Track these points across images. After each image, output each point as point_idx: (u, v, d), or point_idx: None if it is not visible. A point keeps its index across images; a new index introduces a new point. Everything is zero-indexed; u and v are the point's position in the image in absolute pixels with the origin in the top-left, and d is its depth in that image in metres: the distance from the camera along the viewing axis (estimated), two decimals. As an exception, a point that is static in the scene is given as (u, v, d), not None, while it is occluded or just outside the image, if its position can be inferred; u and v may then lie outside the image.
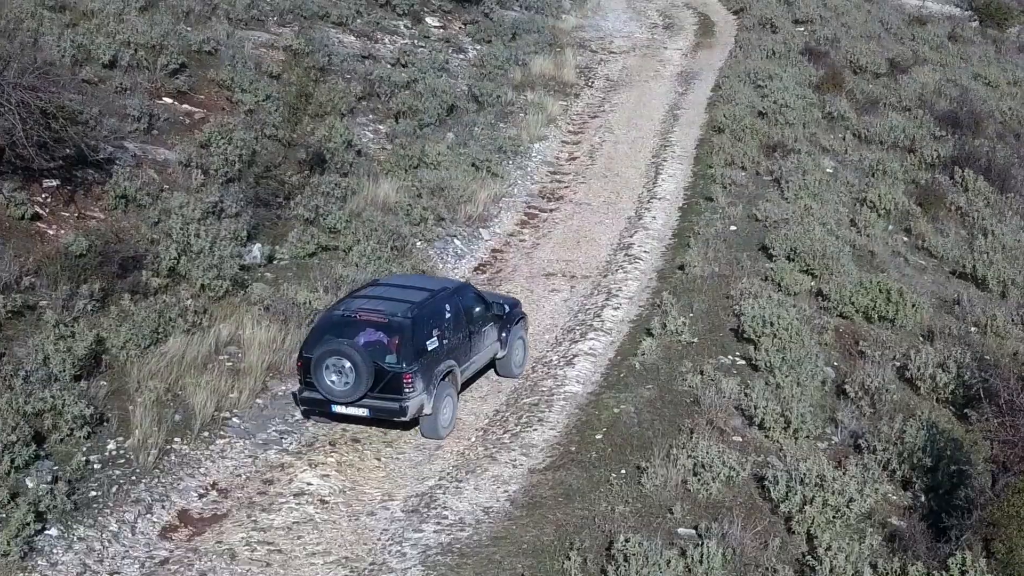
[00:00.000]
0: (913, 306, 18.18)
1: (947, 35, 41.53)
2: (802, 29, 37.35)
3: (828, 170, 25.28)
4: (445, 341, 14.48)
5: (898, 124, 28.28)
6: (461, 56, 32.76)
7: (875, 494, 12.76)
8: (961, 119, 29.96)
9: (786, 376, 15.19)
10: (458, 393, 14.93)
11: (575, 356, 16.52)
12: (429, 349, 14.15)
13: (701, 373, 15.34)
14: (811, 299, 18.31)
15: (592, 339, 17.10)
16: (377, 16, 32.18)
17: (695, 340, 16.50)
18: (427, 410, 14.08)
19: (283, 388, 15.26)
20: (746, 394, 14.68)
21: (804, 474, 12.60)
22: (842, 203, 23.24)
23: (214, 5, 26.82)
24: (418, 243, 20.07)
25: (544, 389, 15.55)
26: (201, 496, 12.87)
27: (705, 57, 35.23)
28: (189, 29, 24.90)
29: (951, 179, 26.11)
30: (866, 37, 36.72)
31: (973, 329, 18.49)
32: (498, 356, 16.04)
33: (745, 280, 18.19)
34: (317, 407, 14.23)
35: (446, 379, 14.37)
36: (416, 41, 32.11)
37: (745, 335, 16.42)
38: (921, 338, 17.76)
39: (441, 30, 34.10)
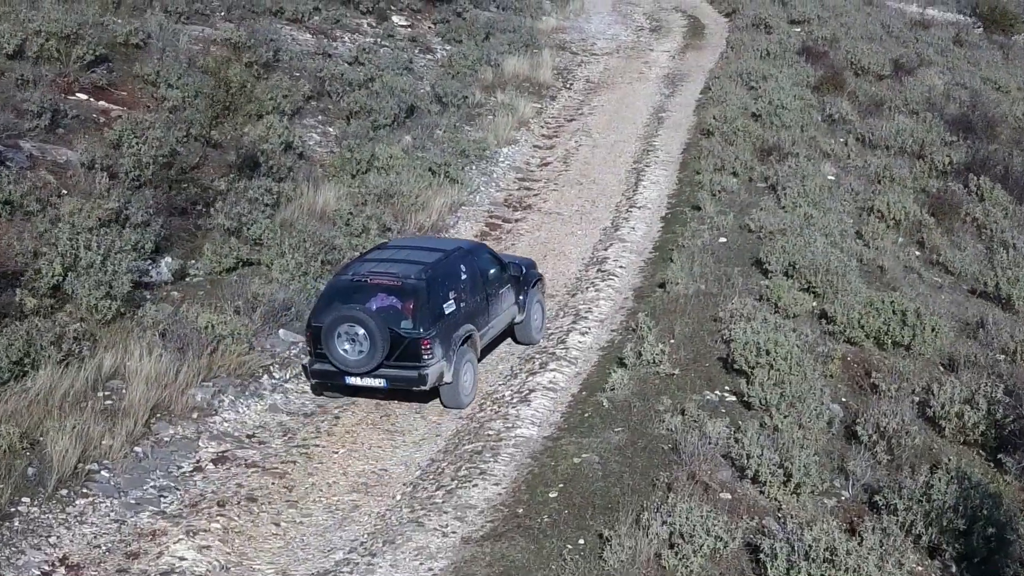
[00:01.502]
0: (933, 330, 15.48)
1: (952, 39, 39.08)
2: (798, 29, 34.81)
3: (830, 176, 22.65)
4: (462, 304, 13.70)
5: (906, 128, 25.68)
6: (429, 56, 30.18)
7: (899, 571, 10.04)
8: (974, 123, 27.40)
9: (785, 416, 12.49)
10: (478, 359, 13.95)
11: (532, 391, 13.76)
12: (446, 312, 13.36)
13: (682, 413, 12.62)
14: (813, 322, 15.61)
15: (553, 370, 14.37)
16: (338, 13, 29.57)
17: (676, 372, 13.78)
18: (447, 378, 13.20)
19: (171, 432, 12.52)
20: (737, 439, 11.96)
21: (810, 546, 9.90)
22: (846, 212, 20.59)
23: (150, -4, 24.19)
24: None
25: (491, 433, 12.77)
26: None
27: (694, 59, 32.64)
28: (118, 20, 22.27)
29: (965, 187, 23.48)
30: (867, 38, 34.17)
31: (1001, 357, 15.83)
32: (516, 320, 15.17)
33: (736, 300, 15.47)
34: (329, 380, 13.37)
35: (465, 344, 13.52)
36: (379, 40, 29.51)
37: (736, 366, 13.70)
38: (943, 368, 15.09)
39: (408, 29, 31.53)
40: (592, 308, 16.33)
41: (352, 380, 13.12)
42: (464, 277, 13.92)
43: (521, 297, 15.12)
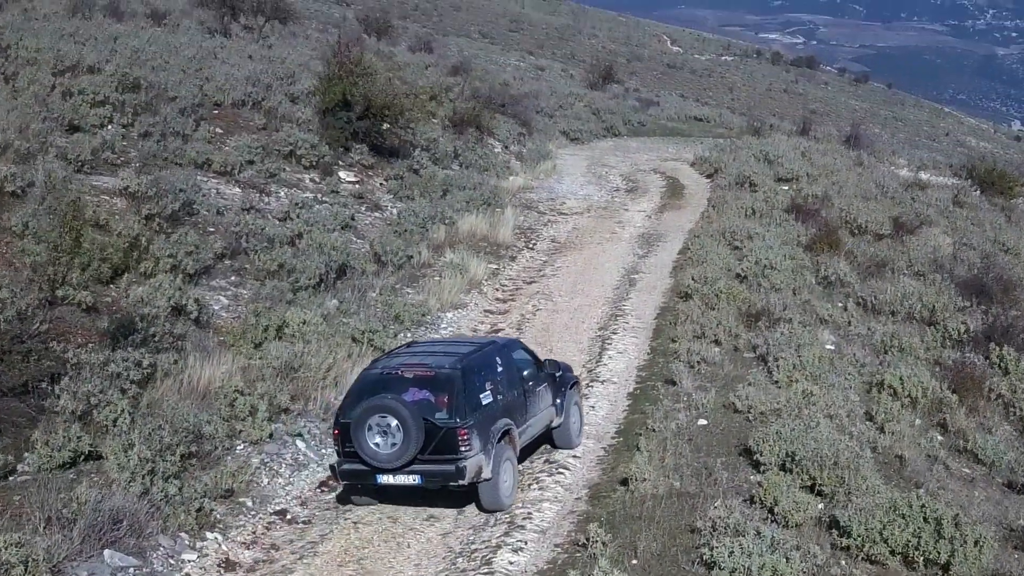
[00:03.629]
0: (976, 543, 11.75)
1: (951, 200, 36.50)
2: (786, 188, 32.05)
3: (828, 346, 19.22)
4: (499, 396, 12.94)
5: (913, 291, 22.43)
6: (377, 214, 27.15)
7: None
8: (988, 287, 24.21)
9: None
10: (518, 460, 12.96)
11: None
12: (483, 403, 12.60)
13: None
14: (821, 534, 11.86)
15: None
16: (275, 167, 26.62)
17: (636, 613, 9.98)
18: (486, 474, 12.27)
19: None
20: None
21: None
22: (852, 388, 17.07)
23: (46, 143, 21.23)
24: (240, 445, 13.70)
25: None
26: None
27: (672, 219, 29.70)
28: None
29: (986, 359, 20.07)
30: (861, 197, 31.38)
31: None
32: (553, 425, 14.24)
33: (720, 503, 11.76)
34: (359, 480, 12.48)
35: (503, 440, 12.68)
36: (321, 196, 26.53)
37: (719, 604, 9.90)
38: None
39: (356, 185, 28.60)
40: (532, 514, 12.54)
41: (384, 479, 12.26)
42: (500, 370, 13.21)
43: (559, 400, 14.22)
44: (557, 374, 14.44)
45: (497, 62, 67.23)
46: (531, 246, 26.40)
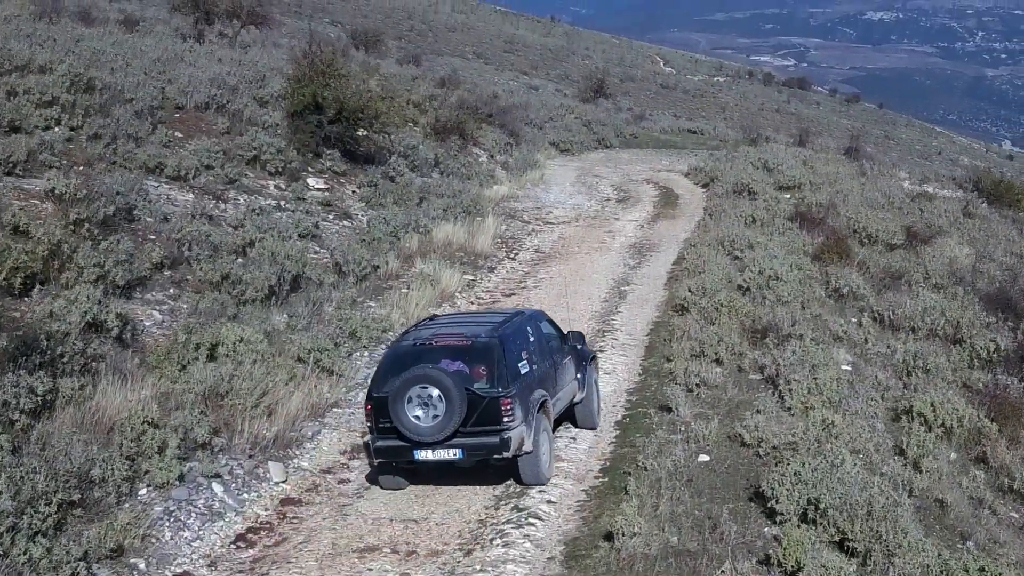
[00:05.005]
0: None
1: (961, 211, 34.34)
2: (788, 196, 29.80)
3: (844, 366, 16.88)
4: (534, 367, 12.52)
5: (935, 305, 20.12)
6: (346, 222, 24.85)
7: None
8: (1014, 301, 21.92)
9: None
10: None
11: None
12: (522, 372, 12.14)
13: None
14: (857, 606, 9.49)
15: None
16: (236, 172, 24.31)
17: None
18: (527, 446, 11.78)
19: None
20: None
21: None
22: (875, 416, 14.72)
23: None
24: (143, 490, 11.29)
25: None
26: None
27: (666, 228, 27.41)
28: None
29: (1021, 381, 17.78)
30: (868, 206, 29.14)
31: None
32: (576, 400, 13.82)
33: (728, 567, 9.38)
34: (396, 457, 11.89)
35: (541, 411, 12.20)
36: (284, 203, 24.22)
37: None
38: None
39: (325, 193, 26.30)
40: (495, 578, 10.15)
41: (422, 454, 11.68)
42: (532, 339, 12.81)
43: (580, 374, 13.80)
44: (579, 347, 14.06)
45: (490, 80, 65.25)
46: (512, 256, 24.10)
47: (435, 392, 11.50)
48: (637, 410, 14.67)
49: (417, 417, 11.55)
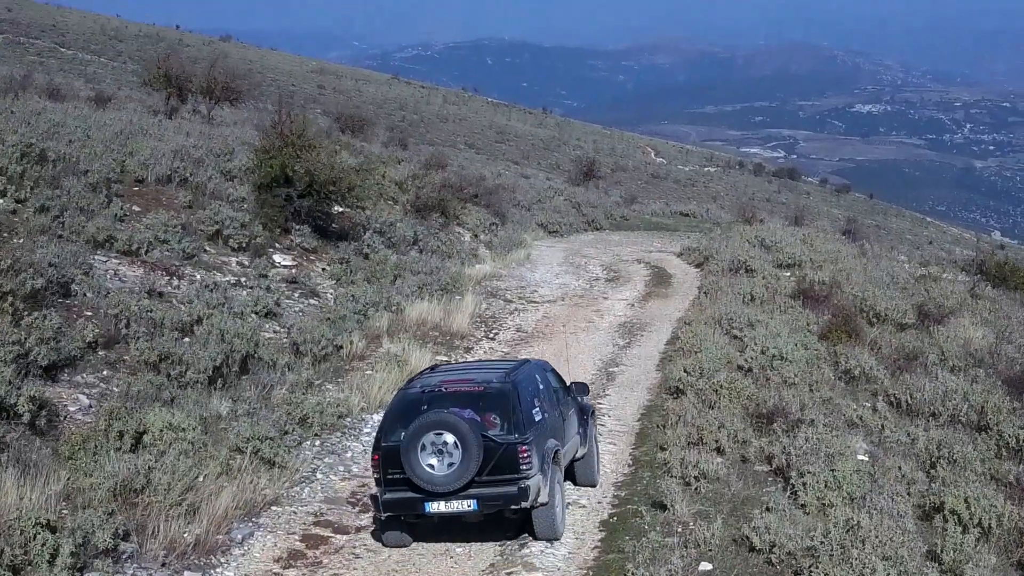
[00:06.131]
0: None
1: (968, 292, 32.68)
2: (788, 274, 28.10)
3: (861, 455, 14.89)
4: (546, 415, 11.95)
5: (956, 389, 18.22)
6: (313, 300, 23.01)
7: None
8: (1038, 384, 20.04)
9: None
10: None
11: None
12: (536, 420, 11.56)
13: None
14: None
15: None
16: (195, 247, 22.52)
17: None
18: (543, 497, 11.19)
19: None
20: None
21: None
22: (904, 514, 12.70)
23: None
24: (19, 610, 9.23)
25: None
26: None
27: (658, 307, 25.60)
28: None
29: (1055, 472, 15.79)
30: (874, 285, 27.43)
31: None
32: (578, 456, 13.10)
33: None
34: (406, 510, 11.17)
35: (555, 461, 11.60)
36: (245, 280, 22.40)
37: None
38: None
39: (292, 270, 24.52)
40: None
41: (434, 507, 11.11)
42: (542, 387, 12.45)
43: (582, 429, 13.30)
44: (581, 399, 13.67)
45: (480, 168, 64.27)
46: (492, 336, 22.22)
47: (450, 439, 10.99)
48: (626, 507, 12.64)
49: (431, 466, 11.04)
